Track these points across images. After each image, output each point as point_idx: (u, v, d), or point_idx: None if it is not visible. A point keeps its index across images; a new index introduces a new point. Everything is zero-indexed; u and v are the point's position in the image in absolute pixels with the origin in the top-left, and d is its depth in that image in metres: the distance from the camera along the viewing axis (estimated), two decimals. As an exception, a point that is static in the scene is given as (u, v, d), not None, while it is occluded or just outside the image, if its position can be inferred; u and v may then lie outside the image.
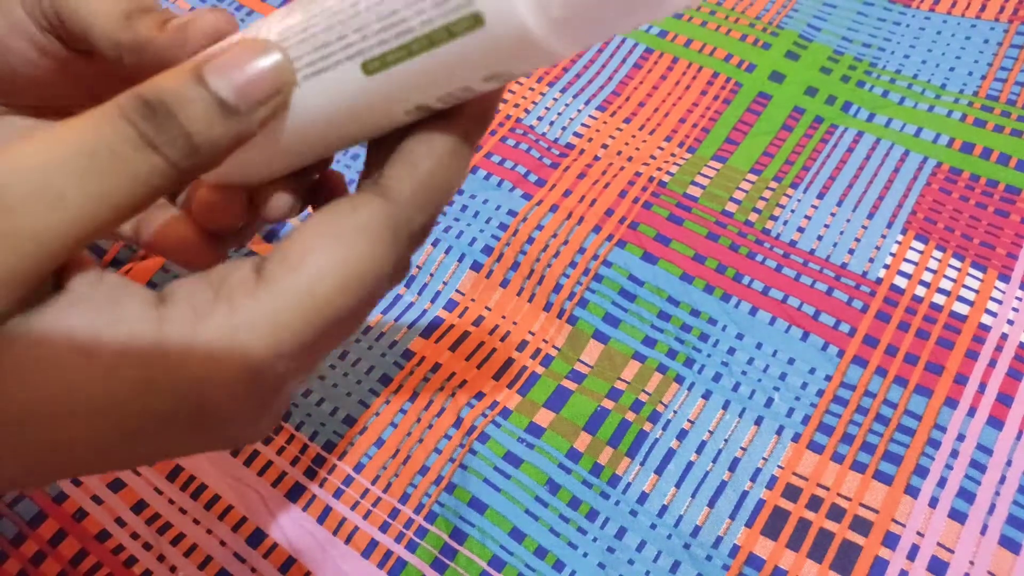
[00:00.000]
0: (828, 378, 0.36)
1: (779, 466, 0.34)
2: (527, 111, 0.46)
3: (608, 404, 0.36)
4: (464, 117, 0.18)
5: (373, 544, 0.33)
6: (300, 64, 0.17)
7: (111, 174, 0.15)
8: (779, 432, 0.35)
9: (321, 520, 0.34)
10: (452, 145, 0.18)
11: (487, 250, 0.41)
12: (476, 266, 0.40)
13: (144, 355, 0.16)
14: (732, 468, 0.34)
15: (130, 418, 0.16)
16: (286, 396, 0.19)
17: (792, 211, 0.41)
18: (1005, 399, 0.34)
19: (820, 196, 0.41)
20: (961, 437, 0.34)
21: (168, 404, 0.16)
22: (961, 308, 0.37)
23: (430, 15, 0.15)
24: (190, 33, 0.20)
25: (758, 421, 0.35)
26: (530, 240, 0.41)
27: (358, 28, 0.16)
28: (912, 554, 0.31)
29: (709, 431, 0.35)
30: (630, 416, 0.35)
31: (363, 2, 0.16)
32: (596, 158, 0.44)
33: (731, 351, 0.37)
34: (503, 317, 0.39)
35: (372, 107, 0.17)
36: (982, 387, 0.35)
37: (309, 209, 0.38)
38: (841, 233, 0.40)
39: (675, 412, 0.36)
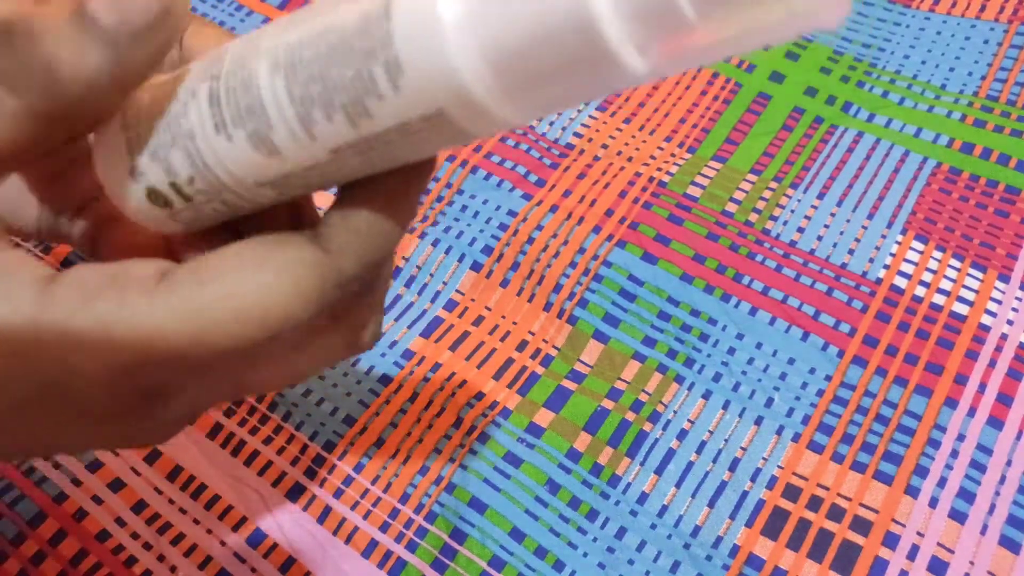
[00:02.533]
0: (828, 378, 0.36)
1: (779, 466, 0.34)
2: (527, 111, 0.46)
3: (608, 404, 0.36)
4: (404, 172, 0.17)
5: (373, 544, 0.33)
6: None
7: None
8: (779, 432, 0.35)
9: (321, 520, 0.34)
10: (391, 193, 0.17)
11: (487, 250, 0.41)
12: (476, 266, 0.40)
13: (17, 334, 0.15)
14: (732, 468, 0.34)
15: None
16: (184, 409, 0.18)
17: (792, 211, 0.41)
18: (1005, 399, 0.34)
19: (820, 196, 0.41)
20: (961, 437, 0.34)
21: (33, 389, 0.15)
22: (961, 308, 0.37)
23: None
24: None
25: (758, 421, 0.35)
26: (530, 240, 0.41)
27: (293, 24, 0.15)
28: (912, 554, 0.31)
29: (709, 431, 0.35)
30: (630, 416, 0.35)
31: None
32: (596, 158, 0.44)
33: (731, 351, 0.37)
34: (503, 317, 0.39)
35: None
36: (982, 387, 0.35)
37: None
38: (841, 233, 0.40)
39: (675, 412, 0.36)
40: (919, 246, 0.39)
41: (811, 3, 0.12)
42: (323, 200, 0.44)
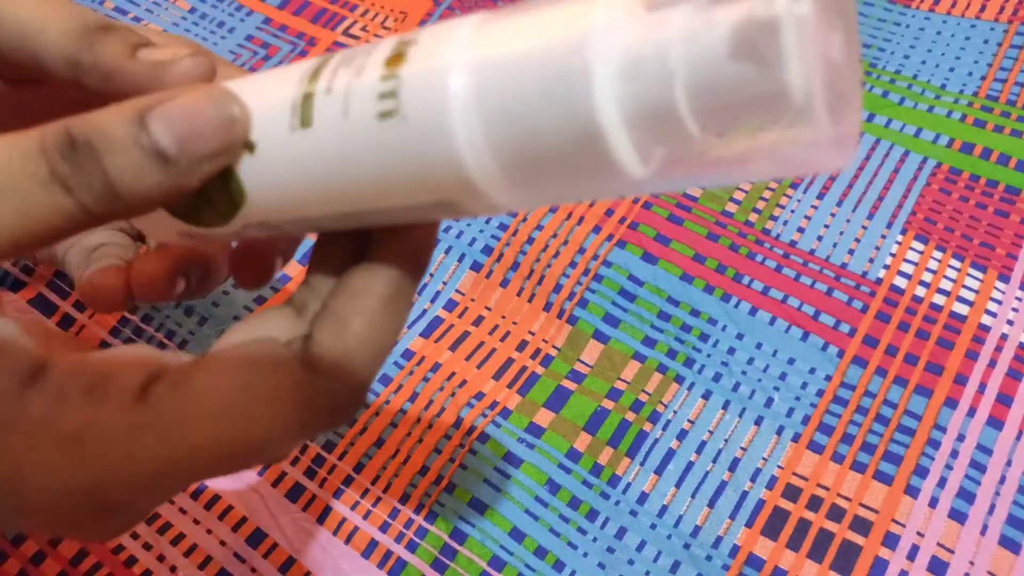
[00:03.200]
0: (828, 378, 0.36)
1: (779, 466, 0.34)
2: (527, 111, 0.46)
3: (608, 404, 0.36)
4: (397, 257, 0.17)
5: (373, 544, 0.33)
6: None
7: (5, 209, 0.14)
8: (779, 432, 0.35)
9: (321, 520, 0.34)
10: (384, 297, 0.16)
11: (487, 250, 0.41)
12: (476, 266, 0.40)
13: None
14: (732, 468, 0.34)
15: None
16: (138, 517, 0.17)
17: (792, 211, 0.41)
18: (1005, 399, 0.34)
19: (820, 196, 0.41)
20: (961, 437, 0.34)
21: None
22: (961, 308, 0.37)
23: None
24: (170, 76, 0.18)
25: (758, 421, 0.35)
26: (530, 240, 0.41)
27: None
28: (912, 554, 0.31)
29: (709, 431, 0.35)
30: (630, 416, 0.35)
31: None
32: (596, 158, 0.44)
33: (731, 351, 0.37)
34: (503, 317, 0.39)
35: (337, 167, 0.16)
36: (982, 387, 0.35)
37: None
38: (841, 233, 0.40)
39: (675, 412, 0.36)
40: (919, 246, 0.39)
41: (814, 142, 0.12)
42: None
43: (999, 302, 0.37)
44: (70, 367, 0.15)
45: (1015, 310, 0.37)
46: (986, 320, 0.37)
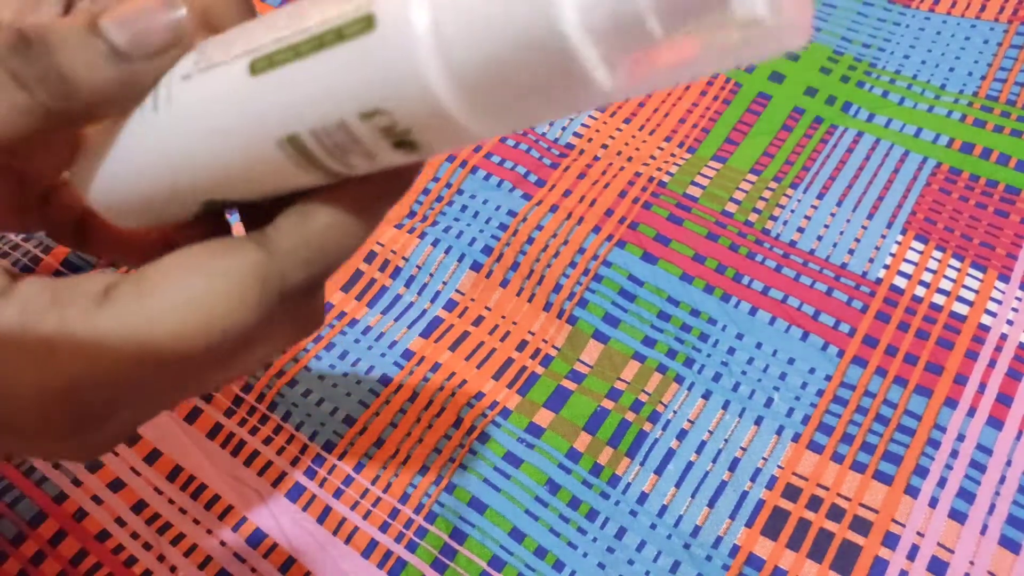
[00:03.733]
0: (828, 378, 0.36)
1: (779, 466, 0.34)
2: (527, 111, 0.46)
3: (608, 404, 0.36)
4: (372, 182, 0.17)
5: (373, 544, 0.33)
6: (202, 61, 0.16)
7: None
8: (779, 432, 0.35)
9: (321, 520, 0.34)
10: (357, 200, 0.16)
11: (487, 250, 0.41)
12: (476, 266, 0.40)
13: None
14: (732, 468, 0.34)
15: None
16: (120, 428, 0.17)
17: (792, 211, 0.41)
18: (1005, 399, 0.34)
19: (820, 196, 0.41)
20: (961, 437, 0.34)
21: None
22: (961, 308, 0.37)
23: (328, 15, 0.14)
24: None
25: (758, 421, 0.35)
26: (530, 240, 0.41)
27: (267, 26, 0.15)
28: (912, 554, 0.31)
29: (709, 431, 0.35)
30: (630, 416, 0.35)
31: (285, 8, 0.15)
32: (596, 158, 0.44)
33: (731, 351, 0.37)
34: (503, 317, 0.39)
35: (248, 122, 0.16)
36: (982, 387, 0.35)
37: None
38: (841, 233, 0.40)
39: (675, 412, 0.36)
40: (919, 246, 0.39)
41: (774, 25, 0.12)
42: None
43: (999, 302, 0.37)
44: (34, 282, 0.16)
45: (1015, 310, 0.37)
46: (986, 320, 0.37)
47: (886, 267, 0.39)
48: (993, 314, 0.37)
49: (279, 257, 0.16)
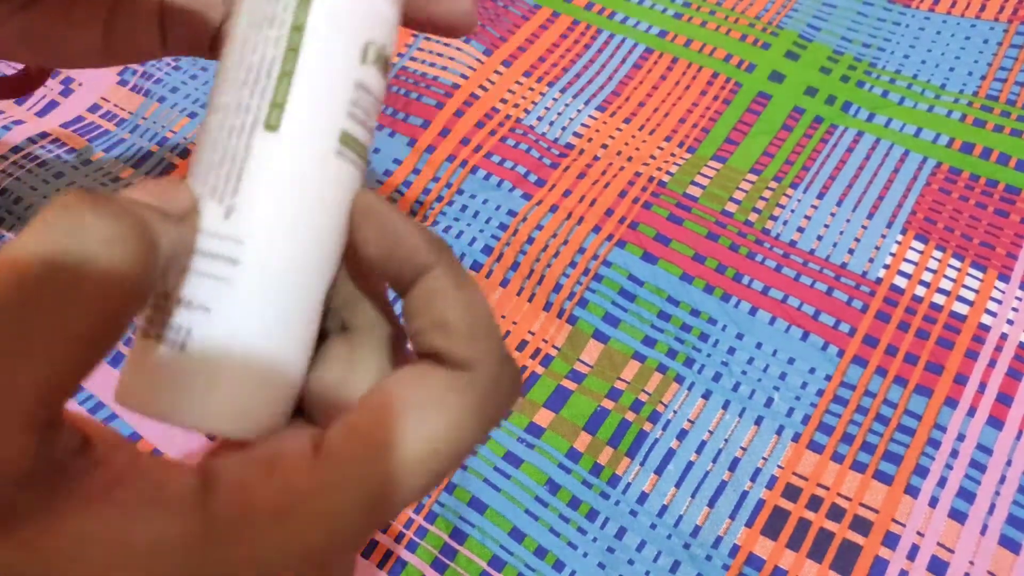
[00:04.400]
0: (828, 378, 0.36)
1: (779, 466, 0.34)
2: (527, 111, 0.46)
3: (608, 404, 0.36)
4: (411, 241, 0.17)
5: (372, 544, 0.33)
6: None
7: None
8: (779, 432, 0.35)
9: (321, 520, 0.34)
10: (449, 280, 0.17)
11: (487, 250, 0.41)
12: (476, 266, 0.40)
13: (188, 549, 0.14)
14: (732, 468, 0.34)
15: None
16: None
17: (792, 211, 0.41)
18: (1005, 399, 0.34)
19: (820, 196, 0.41)
20: (961, 437, 0.34)
21: None
22: (961, 308, 0.37)
23: (281, 19, 0.15)
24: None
25: (758, 421, 0.35)
26: (530, 240, 0.41)
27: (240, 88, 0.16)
28: (912, 554, 0.31)
29: (709, 431, 0.35)
30: (630, 416, 0.35)
31: (231, 67, 0.16)
32: (596, 158, 0.44)
33: (731, 351, 0.37)
34: (503, 317, 0.39)
35: (305, 169, 0.16)
36: (982, 387, 0.35)
37: None
38: (841, 233, 0.40)
39: (675, 412, 0.36)
40: (919, 246, 0.39)
41: None
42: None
43: (999, 302, 0.37)
44: (232, 465, 0.15)
45: (1015, 310, 0.37)
46: (986, 320, 0.37)
47: (886, 267, 0.39)
48: (993, 314, 0.37)
49: (480, 365, 0.16)
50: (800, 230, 0.40)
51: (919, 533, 0.32)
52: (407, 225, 0.17)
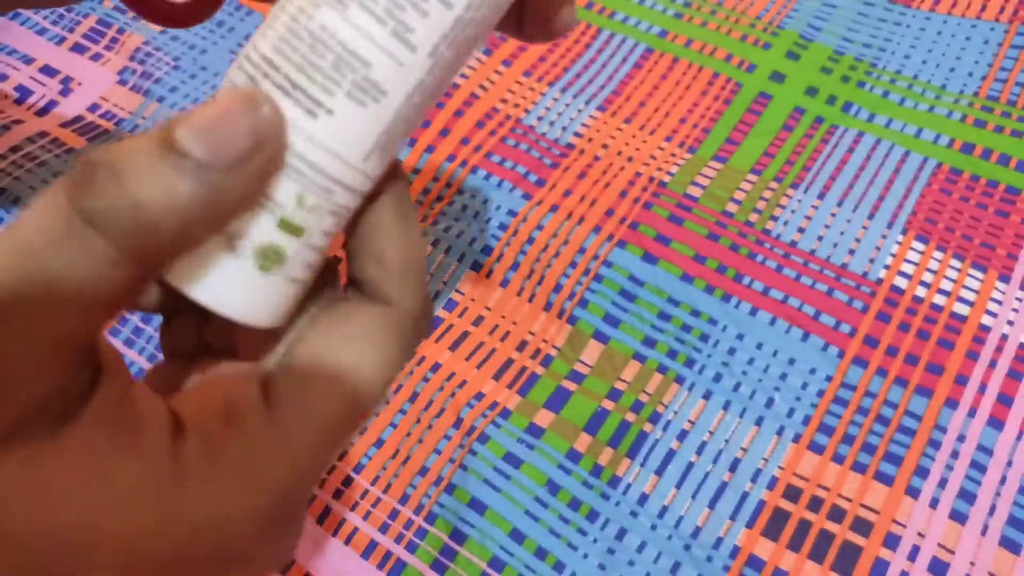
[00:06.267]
0: (829, 378, 0.36)
1: (779, 467, 0.34)
2: (527, 111, 0.46)
3: (608, 405, 0.36)
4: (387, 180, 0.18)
5: (373, 545, 0.33)
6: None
7: (57, 278, 0.13)
8: (779, 433, 0.35)
9: (321, 520, 0.34)
10: (394, 214, 0.18)
11: (487, 250, 0.41)
12: (476, 266, 0.40)
13: (162, 493, 0.14)
14: (732, 469, 0.34)
15: (142, 558, 0.14)
16: (303, 513, 0.18)
17: (792, 211, 0.41)
18: (1005, 400, 0.34)
19: (821, 196, 0.41)
20: (962, 438, 0.34)
21: (185, 545, 0.14)
22: (961, 309, 0.37)
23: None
24: None
25: (758, 422, 0.35)
26: (530, 240, 0.41)
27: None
28: (913, 555, 0.31)
29: (709, 432, 0.35)
30: (630, 417, 0.35)
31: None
32: (596, 158, 0.44)
33: (731, 351, 0.37)
34: (503, 317, 0.39)
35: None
36: (982, 388, 0.35)
37: None
38: (841, 233, 0.40)
39: (675, 413, 0.35)
40: (920, 246, 0.39)
41: None
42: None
43: (999, 302, 0.37)
44: (196, 415, 0.16)
45: (1015, 310, 0.37)
46: (986, 320, 0.37)
47: (887, 267, 0.39)
48: (994, 314, 0.37)
49: (401, 303, 0.18)
50: (801, 230, 0.40)
51: (920, 534, 0.32)
52: None
